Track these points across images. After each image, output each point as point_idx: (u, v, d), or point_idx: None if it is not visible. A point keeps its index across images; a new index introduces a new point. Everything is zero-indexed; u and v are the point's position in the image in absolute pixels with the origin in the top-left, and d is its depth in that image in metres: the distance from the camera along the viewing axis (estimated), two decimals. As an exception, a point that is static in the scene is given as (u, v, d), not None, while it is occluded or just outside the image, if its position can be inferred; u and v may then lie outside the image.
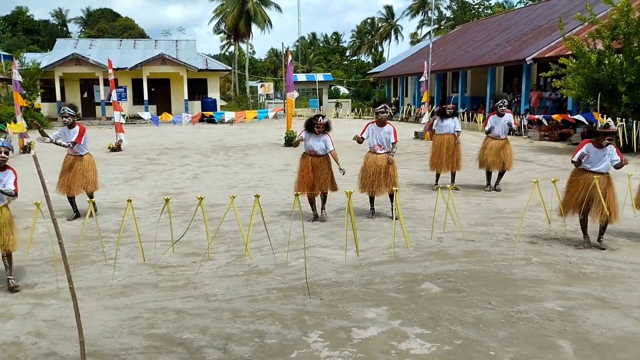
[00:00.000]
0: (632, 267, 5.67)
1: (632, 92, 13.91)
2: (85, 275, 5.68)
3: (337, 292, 5.11)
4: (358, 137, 7.97)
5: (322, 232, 7.26)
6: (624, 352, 3.90)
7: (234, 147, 18.11)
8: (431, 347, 4.00)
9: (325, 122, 7.62)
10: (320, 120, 7.60)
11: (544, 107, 20.62)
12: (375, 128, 7.95)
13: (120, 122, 17.45)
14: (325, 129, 7.65)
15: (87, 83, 32.76)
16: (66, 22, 70.88)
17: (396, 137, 7.91)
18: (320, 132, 7.61)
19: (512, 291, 5.06)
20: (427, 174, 10.62)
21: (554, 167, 12.61)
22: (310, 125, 7.66)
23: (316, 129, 7.58)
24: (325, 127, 7.64)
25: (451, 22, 54.44)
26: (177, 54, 34.27)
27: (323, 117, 7.73)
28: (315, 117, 7.74)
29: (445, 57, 29.69)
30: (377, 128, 7.94)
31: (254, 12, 51.43)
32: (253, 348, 4.04)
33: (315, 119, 7.67)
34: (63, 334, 4.31)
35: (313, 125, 7.60)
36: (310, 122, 7.69)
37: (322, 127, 7.60)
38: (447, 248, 6.44)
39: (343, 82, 55.35)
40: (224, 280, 5.49)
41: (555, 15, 22.78)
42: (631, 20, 14.02)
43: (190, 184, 11.23)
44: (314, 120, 7.66)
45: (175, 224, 6.89)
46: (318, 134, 7.62)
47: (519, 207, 8.34)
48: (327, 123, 7.64)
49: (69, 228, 7.58)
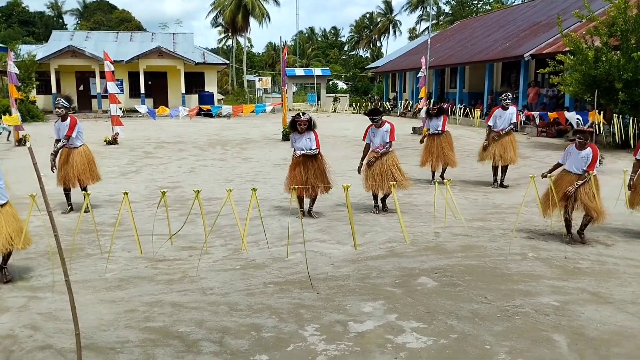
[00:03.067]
0: (627, 263, 5.70)
1: (629, 89, 13.92)
2: (81, 268, 5.67)
3: (334, 286, 5.11)
4: (365, 161, 7.97)
5: (319, 226, 7.27)
6: (618, 346, 3.92)
7: (231, 141, 18.07)
8: (427, 341, 4.01)
9: (306, 119, 7.51)
10: (301, 117, 7.55)
11: (541, 104, 20.64)
12: (374, 129, 7.92)
13: (117, 115, 17.40)
14: (308, 126, 7.53)
15: (83, 75, 32.65)
16: (62, 13, 70.55)
17: (393, 135, 7.81)
18: (304, 129, 7.52)
19: (508, 286, 5.08)
20: (424, 169, 10.64)
21: (551, 163, 12.60)
22: (293, 125, 7.62)
23: (298, 126, 7.52)
24: (309, 124, 7.53)
25: (450, 18, 54.37)
26: (174, 47, 34.17)
27: (304, 114, 7.68)
28: (296, 115, 7.68)
29: (443, 53, 29.66)
30: (376, 129, 7.88)
31: (252, 6, 51.28)
32: (249, 341, 4.04)
33: (297, 116, 7.61)
34: (59, 326, 4.30)
35: (296, 123, 7.56)
36: (292, 122, 7.64)
37: (304, 125, 7.50)
38: (444, 243, 6.45)
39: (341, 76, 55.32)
40: (221, 274, 5.49)
41: (554, 12, 22.76)
42: (629, 17, 14.01)
43: (186, 178, 11.22)
44: (295, 118, 7.61)
45: (171, 218, 6.87)
46: (302, 132, 7.55)
47: (515, 202, 8.36)
48: (309, 120, 7.52)
49: (65, 221, 7.56)
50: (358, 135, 19.44)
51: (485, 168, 11.38)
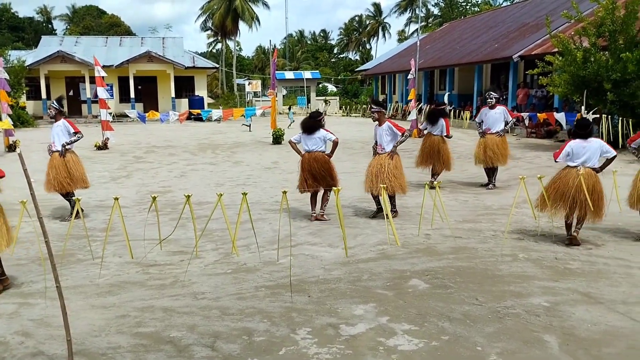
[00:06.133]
0: (617, 263, 5.75)
1: (618, 90, 14.05)
2: (72, 274, 5.64)
3: (325, 289, 5.12)
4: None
5: (311, 229, 7.27)
6: (609, 346, 3.95)
7: (221, 145, 18.04)
8: (419, 343, 4.02)
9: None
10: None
11: (531, 105, 20.77)
12: (376, 127, 7.89)
13: (107, 120, 17.32)
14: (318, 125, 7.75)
15: (73, 81, 32.46)
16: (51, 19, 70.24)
17: (398, 128, 7.66)
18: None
19: (499, 287, 5.10)
20: (414, 171, 10.65)
21: (541, 164, 12.72)
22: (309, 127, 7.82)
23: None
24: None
25: (439, 20, 54.62)
26: (163, 52, 34.06)
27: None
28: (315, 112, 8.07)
29: (432, 55, 29.78)
30: (377, 127, 7.84)
31: (241, 10, 51.25)
32: (241, 346, 4.04)
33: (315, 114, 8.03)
34: (50, 333, 4.28)
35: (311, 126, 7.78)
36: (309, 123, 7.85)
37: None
38: (435, 245, 6.47)
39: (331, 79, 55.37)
40: (212, 278, 5.48)
41: (542, 13, 22.94)
42: (616, 17, 14.15)
43: (177, 182, 11.19)
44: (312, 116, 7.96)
45: (162, 222, 6.85)
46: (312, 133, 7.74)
47: (506, 203, 8.41)
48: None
49: (55, 227, 7.52)
50: (348, 137, 19.51)
51: (475, 170, 11.45)
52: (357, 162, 13.11)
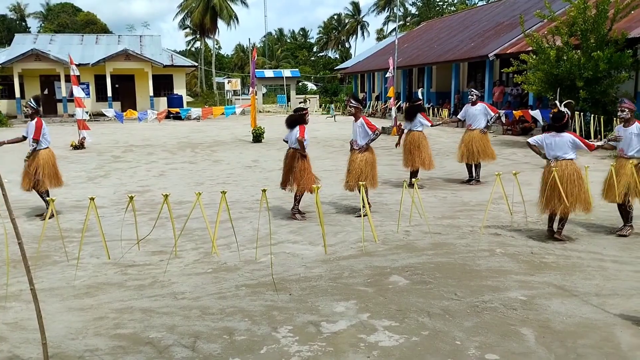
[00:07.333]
0: (591, 256, 5.86)
1: (590, 87, 14.33)
2: (48, 276, 5.55)
3: (307, 287, 5.13)
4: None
5: (291, 227, 7.27)
6: (584, 338, 4.03)
7: (201, 144, 17.92)
8: (399, 339, 4.06)
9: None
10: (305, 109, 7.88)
11: (506, 102, 21.04)
12: (353, 123, 7.96)
13: (83, 119, 17.07)
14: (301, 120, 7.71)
15: (48, 79, 31.88)
16: (25, 16, 68.76)
17: (370, 126, 7.71)
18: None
19: (477, 282, 5.17)
20: (394, 169, 10.74)
21: (517, 160, 12.90)
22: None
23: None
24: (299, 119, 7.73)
25: (416, 19, 54.99)
26: (141, 50, 33.63)
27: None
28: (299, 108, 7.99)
29: (410, 53, 29.99)
30: (353, 123, 7.94)
31: (219, 8, 50.95)
32: (222, 345, 4.02)
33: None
34: (25, 336, 4.21)
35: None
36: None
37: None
38: (414, 241, 6.53)
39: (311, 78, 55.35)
40: (192, 277, 5.44)
41: (516, 13, 23.25)
42: (588, 17, 14.42)
43: (156, 182, 11.08)
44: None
45: (141, 222, 6.79)
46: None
47: (483, 199, 8.51)
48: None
49: (29, 228, 7.39)
50: (329, 136, 19.54)
51: (453, 166, 11.57)
52: (337, 160, 13.14)
